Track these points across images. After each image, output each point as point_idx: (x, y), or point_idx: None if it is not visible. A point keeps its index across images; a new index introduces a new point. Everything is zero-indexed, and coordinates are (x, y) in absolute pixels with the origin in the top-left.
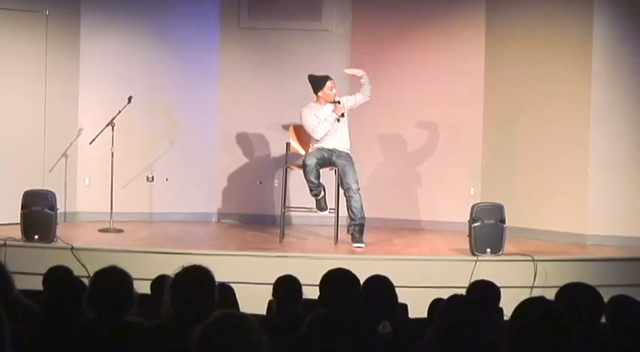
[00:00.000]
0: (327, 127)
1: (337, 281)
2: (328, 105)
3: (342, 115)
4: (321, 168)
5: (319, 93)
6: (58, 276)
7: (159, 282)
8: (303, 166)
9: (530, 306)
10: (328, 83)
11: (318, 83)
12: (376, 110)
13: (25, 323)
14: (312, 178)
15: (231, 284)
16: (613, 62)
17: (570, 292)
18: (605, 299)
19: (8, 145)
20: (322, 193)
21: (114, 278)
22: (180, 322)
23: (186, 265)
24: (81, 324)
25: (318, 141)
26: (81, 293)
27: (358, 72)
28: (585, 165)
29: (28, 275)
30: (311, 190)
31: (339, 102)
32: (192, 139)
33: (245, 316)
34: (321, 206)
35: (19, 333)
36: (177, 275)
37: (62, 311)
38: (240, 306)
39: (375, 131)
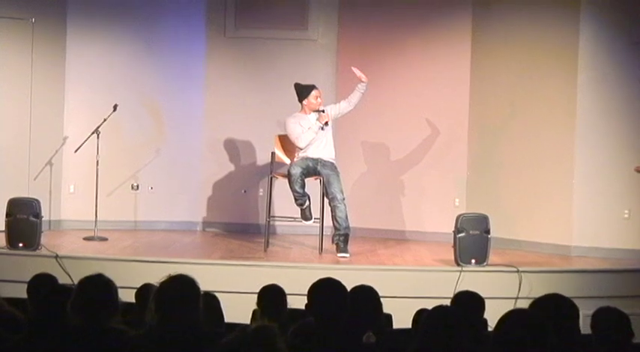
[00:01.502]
0: (311, 136)
1: (326, 290)
2: (313, 114)
3: (326, 124)
4: (306, 177)
5: (304, 102)
6: (43, 284)
7: (143, 291)
8: (288, 176)
9: (513, 318)
10: (313, 92)
11: (303, 92)
12: (361, 120)
13: (10, 330)
14: (297, 188)
15: (216, 294)
16: (599, 73)
17: (547, 302)
18: (590, 311)
19: None
20: (307, 203)
21: (100, 285)
22: (164, 331)
23: (172, 274)
24: (66, 331)
25: (302, 149)
26: (67, 300)
27: (363, 76)
28: (570, 177)
29: (12, 283)
30: (296, 200)
31: (323, 111)
32: (177, 148)
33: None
34: (305, 215)
35: (3, 341)
36: (162, 283)
37: (48, 317)
38: (224, 315)
39: (360, 141)
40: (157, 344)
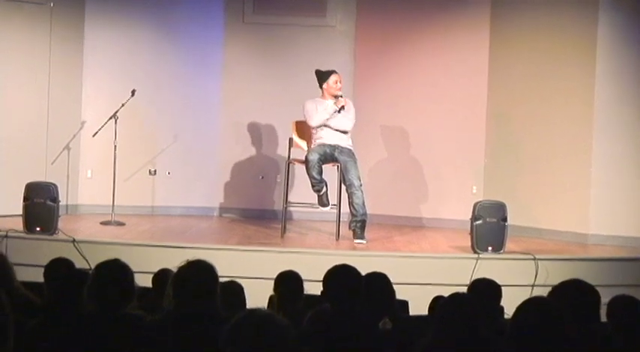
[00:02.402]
0: (324, 116)
1: (341, 277)
2: (331, 100)
3: (342, 108)
4: (323, 164)
5: (324, 86)
6: (60, 269)
7: (161, 276)
8: (306, 162)
9: (531, 306)
10: (333, 76)
11: (323, 76)
12: (378, 107)
13: (26, 314)
14: (315, 174)
15: (233, 279)
16: (617, 62)
17: (567, 289)
18: (607, 299)
19: (11, 137)
20: (324, 189)
21: (115, 271)
22: (181, 316)
23: (190, 259)
24: (82, 316)
25: (314, 131)
26: (83, 285)
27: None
28: (588, 165)
29: (30, 267)
30: (313, 186)
31: (341, 96)
32: (195, 133)
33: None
34: (323, 202)
35: (19, 325)
36: (181, 268)
37: (64, 303)
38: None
39: (378, 128)
40: (173, 330)
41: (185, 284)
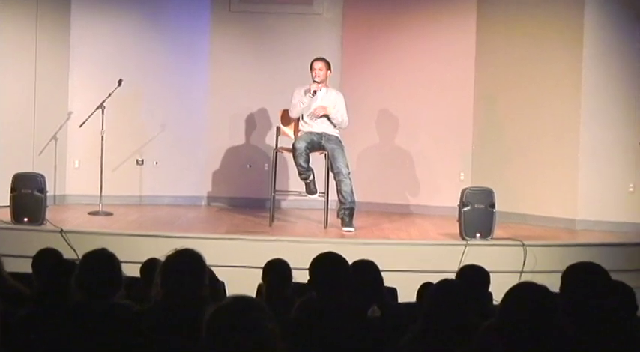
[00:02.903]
0: (299, 107)
1: (327, 265)
2: (323, 88)
3: (315, 93)
4: (310, 151)
5: (311, 73)
6: (48, 259)
7: (148, 266)
8: (293, 150)
9: (519, 292)
10: (314, 63)
11: (311, 64)
12: (366, 94)
13: (15, 305)
14: (302, 162)
15: (221, 268)
16: (604, 48)
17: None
18: None
19: None
20: (311, 177)
21: (102, 261)
22: (169, 305)
23: (178, 248)
24: (70, 306)
25: (294, 120)
26: (71, 275)
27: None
28: (576, 150)
29: (18, 257)
30: (300, 174)
31: (317, 82)
32: (182, 123)
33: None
34: (310, 189)
35: (8, 315)
36: (169, 257)
37: (52, 293)
38: (229, 290)
39: (365, 114)
40: (162, 319)
41: (173, 274)
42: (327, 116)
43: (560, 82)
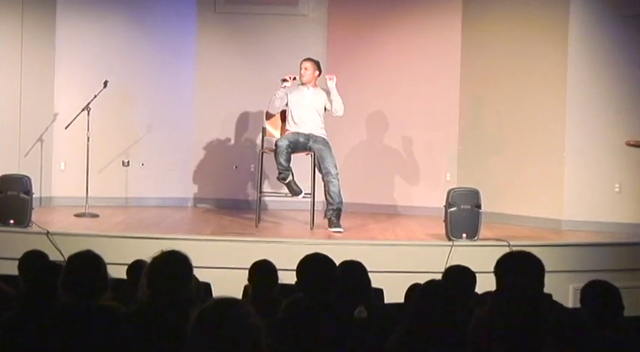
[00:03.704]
0: (276, 101)
1: (314, 265)
2: (311, 88)
3: (285, 80)
4: (293, 152)
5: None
6: (34, 261)
7: (135, 267)
8: (275, 147)
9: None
10: (302, 63)
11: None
12: (352, 94)
13: (1, 307)
14: (282, 160)
15: (207, 270)
16: (589, 45)
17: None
18: (581, 285)
19: None
20: (290, 178)
21: (88, 262)
22: (155, 306)
23: (164, 249)
24: (56, 308)
25: (272, 114)
26: (57, 277)
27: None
28: (561, 151)
29: (3, 260)
30: (279, 173)
31: (294, 79)
32: (168, 124)
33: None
34: (294, 190)
35: None
36: (155, 259)
37: (38, 295)
38: (215, 291)
39: (351, 115)
40: (148, 321)
41: (159, 275)
42: (317, 116)
43: (545, 81)
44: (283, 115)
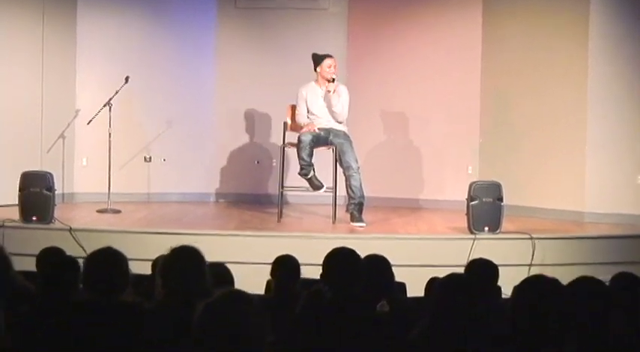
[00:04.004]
0: (307, 121)
1: (340, 259)
2: (325, 87)
3: (329, 91)
4: (315, 146)
5: (318, 70)
6: (51, 257)
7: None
8: (298, 142)
9: (529, 285)
10: (327, 60)
11: (318, 60)
12: (373, 88)
13: (21, 303)
14: (305, 156)
15: (230, 264)
16: (610, 39)
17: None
18: (604, 277)
19: (6, 126)
20: (311, 173)
21: (108, 259)
22: (172, 304)
23: (173, 246)
24: (76, 304)
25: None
26: (75, 273)
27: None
28: (583, 143)
29: (27, 256)
30: (301, 168)
31: (333, 80)
32: (189, 119)
33: (246, 295)
34: (315, 184)
35: (14, 314)
36: (166, 257)
37: (57, 291)
38: (237, 286)
39: (372, 109)
40: (167, 317)
41: (172, 273)
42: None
43: (567, 75)
44: (293, 112)
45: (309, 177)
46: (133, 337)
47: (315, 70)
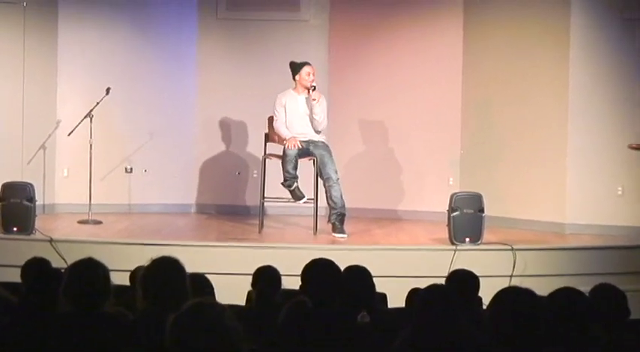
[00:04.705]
0: (288, 135)
1: (319, 270)
2: (302, 95)
3: (314, 99)
4: (299, 158)
5: (297, 78)
6: (36, 268)
7: (137, 274)
8: (283, 155)
9: (506, 295)
10: (305, 68)
11: (296, 68)
12: (354, 99)
13: (2, 315)
14: (290, 168)
15: (211, 275)
16: (591, 49)
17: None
18: (585, 288)
19: None
20: (295, 184)
21: (89, 270)
22: (153, 315)
23: (154, 257)
24: (58, 316)
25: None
26: (57, 284)
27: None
28: (564, 154)
29: (7, 267)
30: (285, 180)
31: (314, 88)
32: (170, 130)
33: (216, 305)
34: (297, 195)
35: None
36: (146, 269)
37: (39, 302)
38: (218, 297)
39: (353, 120)
40: (149, 328)
41: (153, 284)
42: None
43: (547, 85)
44: (270, 122)
45: (292, 188)
46: (116, 348)
47: (294, 78)
